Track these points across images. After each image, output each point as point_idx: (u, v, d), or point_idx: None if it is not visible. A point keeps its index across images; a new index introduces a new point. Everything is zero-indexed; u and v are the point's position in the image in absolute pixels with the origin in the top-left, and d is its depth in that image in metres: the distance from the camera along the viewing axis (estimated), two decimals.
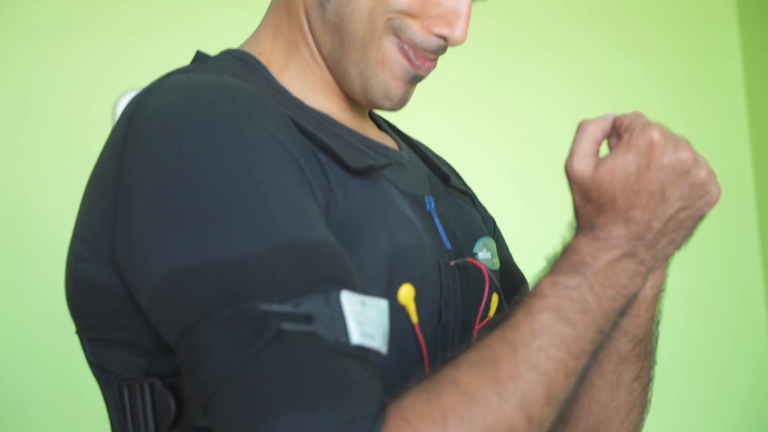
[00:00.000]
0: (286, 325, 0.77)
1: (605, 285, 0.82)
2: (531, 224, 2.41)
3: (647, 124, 0.83)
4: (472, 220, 1.10)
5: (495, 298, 1.03)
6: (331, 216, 0.88)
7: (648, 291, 0.96)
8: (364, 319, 0.80)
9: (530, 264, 1.12)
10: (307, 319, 0.78)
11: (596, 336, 0.82)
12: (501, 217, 1.26)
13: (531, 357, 0.78)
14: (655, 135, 0.82)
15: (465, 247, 1.03)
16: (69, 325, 0.96)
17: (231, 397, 0.76)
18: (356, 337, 0.79)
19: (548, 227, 1.47)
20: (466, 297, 1.00)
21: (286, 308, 0.78)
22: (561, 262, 0.83)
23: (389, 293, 0.90)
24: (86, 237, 0.89)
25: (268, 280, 0.78)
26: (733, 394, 2.48)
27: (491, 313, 1.02)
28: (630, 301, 0.85)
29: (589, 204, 0.84)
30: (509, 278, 1.10)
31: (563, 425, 1.04)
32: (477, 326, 1.00)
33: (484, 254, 1.05)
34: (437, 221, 1.02)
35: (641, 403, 1.04)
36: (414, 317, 0.93)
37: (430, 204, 1.02)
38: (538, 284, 0.83)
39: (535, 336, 0.79)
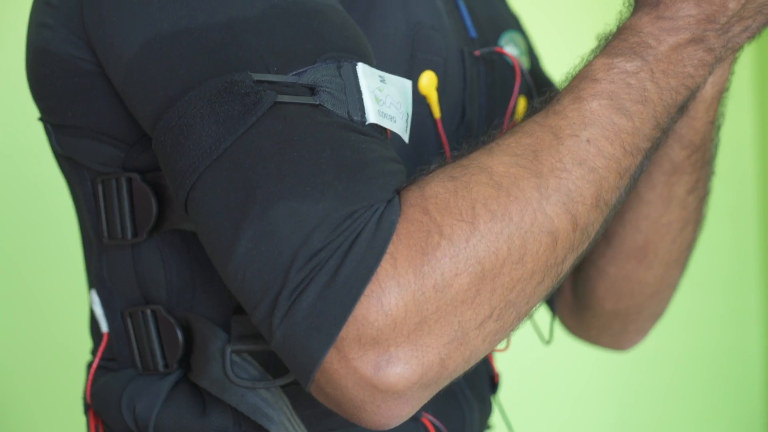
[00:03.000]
0: (285, 97, 0.64)
1: (668, 73, 0.68)
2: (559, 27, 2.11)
3: None
4: (499, 12, 0.96)
5: (523, 101, 0.90)
6: None
7: (708, 89, 0.82)
8: (384, 98, 0.67)
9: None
10: (313, 90, 0.65)
11: (654, 132, 0.68)
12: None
13: (579, 149, 0.65)
14: None
15: (491, 40, 0.90)
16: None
17: (215, 186, 0.63)
18: (373, 116, 0.66)
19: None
20: (491, 95, 0.87)
21: (287, 78, 0.65)
22: (617, 42, 0.69)
23: None
24: (50, 0, 0.75)
25: (264, 45, 0.66)
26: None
27: (518, 117, 0.89)
28: (693, 96, 0.71)
29: None
30: (536, 83, 0.96)
31: (606, 244, 0.92)
32: (504, 129, 0.87)
33: (512, 50, 0.92)
34: (461, 3, 0.88)
35: (696, 219, 0.92)
36: (436, 111, 0.80)
37: None
38: (590, 66, 0.69)
39: (585, 126, 0.65)
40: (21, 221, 1.81)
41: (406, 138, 0.69)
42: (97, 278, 0.81)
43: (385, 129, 0.68)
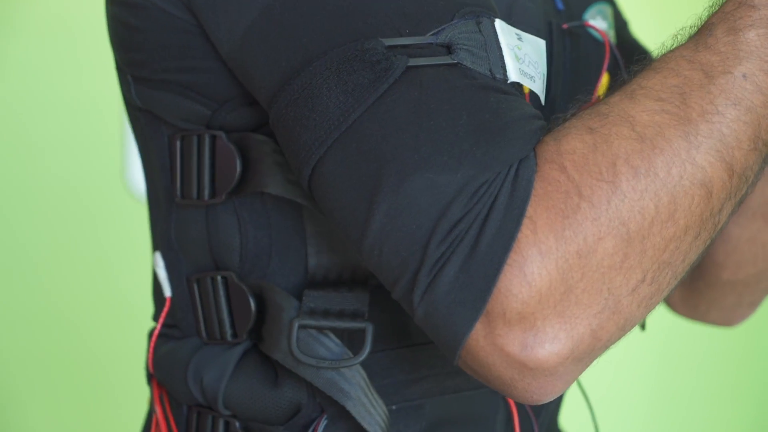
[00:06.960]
0: (420, 60, 0.60)
1: None
2: None
3: None
4: None
5: (606, 77, 0.85)
6: None
7: None
8: (522, 56, 0.63)
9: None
10: (449, 49, 0.61)
11: None
12: None
13: (733, 88, 0.58)
14: None
15: (576, 13, 0.85)
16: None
17: (345, 160, 0.59)
18: (514, 74, 0.62)
19: None
20: (576, 70, 0.82)
21: (422, 39, 0.61)
22: None
23: None
24: None
25: (393, 9, 0.62)
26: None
27: (600, 94, 0.84)
28: None
29: None
30: (624, 55, 0.90)
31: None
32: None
33: (600, 23, 0.86)
34: None
35: None
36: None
37: None
38: None
39: (740, 60, 0.58)
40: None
41: (542, 99, 0.65)
42: (163, 240, 0.77)
43: (523, 89, 0.64)
